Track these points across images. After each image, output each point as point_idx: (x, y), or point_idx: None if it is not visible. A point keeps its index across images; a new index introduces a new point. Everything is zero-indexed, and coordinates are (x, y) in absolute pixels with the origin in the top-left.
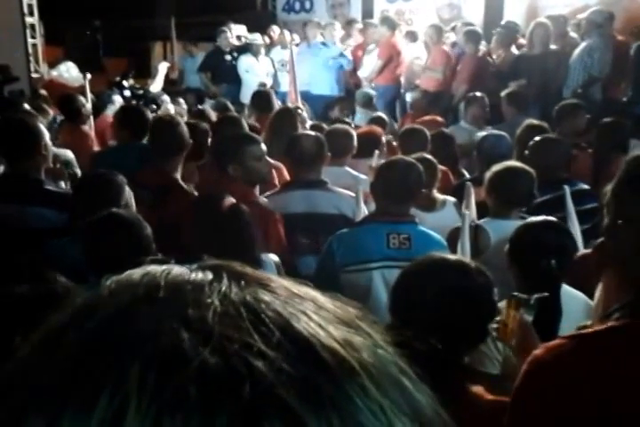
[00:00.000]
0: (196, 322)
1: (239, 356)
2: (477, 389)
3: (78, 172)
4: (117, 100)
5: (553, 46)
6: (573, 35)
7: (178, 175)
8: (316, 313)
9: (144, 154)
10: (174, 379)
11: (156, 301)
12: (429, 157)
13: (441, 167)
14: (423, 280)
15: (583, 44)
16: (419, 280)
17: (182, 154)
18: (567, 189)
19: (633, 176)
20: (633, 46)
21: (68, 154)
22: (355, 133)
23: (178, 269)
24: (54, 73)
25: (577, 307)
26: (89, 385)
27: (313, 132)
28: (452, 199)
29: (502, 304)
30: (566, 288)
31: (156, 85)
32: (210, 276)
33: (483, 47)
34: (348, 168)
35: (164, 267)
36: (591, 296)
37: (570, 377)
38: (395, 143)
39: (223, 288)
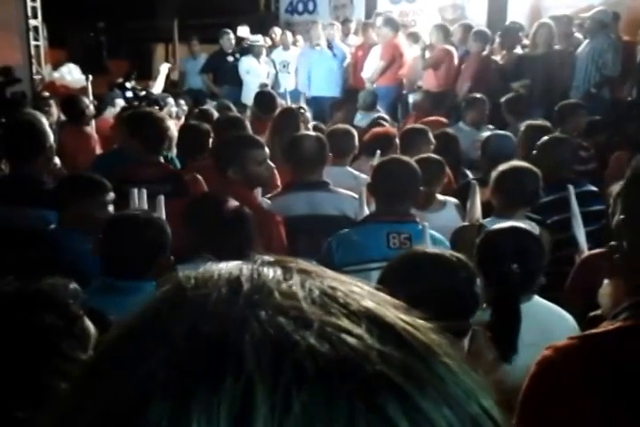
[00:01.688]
0: (290, 309)
1: (340, 339)
2: None
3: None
4: (118, 102)
5: (557, 46)
6: (578, 35)
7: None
8: (377, 300)
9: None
10: (289, 357)
11: (242, 293)
12: (438, 157)
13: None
14: (401, 274)
15: (589, 45)
16: (397, 274)
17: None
18: (572, 189)
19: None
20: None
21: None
22: (355, 133)
23: (239, 264)
24: (56, 75)
25: (551, 320)
26: (210, 369)
27: (314, 133)
28: (453, 200)
29: None
30: (540, 301)
31: (158, 87)
32: (280, 270)
33: (486, 47)
34: (349, 168)
35: (229, 264)
36: (594, 297)
37: (579, 377)
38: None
39: (299, 279)
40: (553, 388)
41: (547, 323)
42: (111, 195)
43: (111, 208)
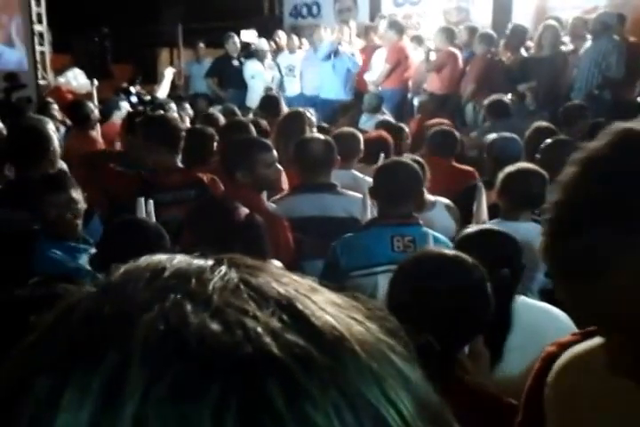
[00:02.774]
0: (198, 294)
1: (236, 319)
2: (474, 384)
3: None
4: (124, 107)
5: (563, 48)
6: (587, 36)
7: None
8: (310, 293)
9: None
10: (177, 335)
11: (161, 279)
12: (418, 158)
13: (466, 168)
14: (419, 275)
15: (592, 47)
16: (414, 275)
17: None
18: None
19: None
20: None
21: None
22: (361, 136)
23: (181, 257)
24: (61, 80)
25: (539, 320)
26: (96, 345)
27: (322, 136)
28: (442, 200)
29: None
30: (527, 301)
31: (162, 91)
32: (211, 262)
33: (492, 49)
34: (354, 171)
35: (169, 255)
36: None
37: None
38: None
39: (224, 269)
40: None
41: (535, 324)
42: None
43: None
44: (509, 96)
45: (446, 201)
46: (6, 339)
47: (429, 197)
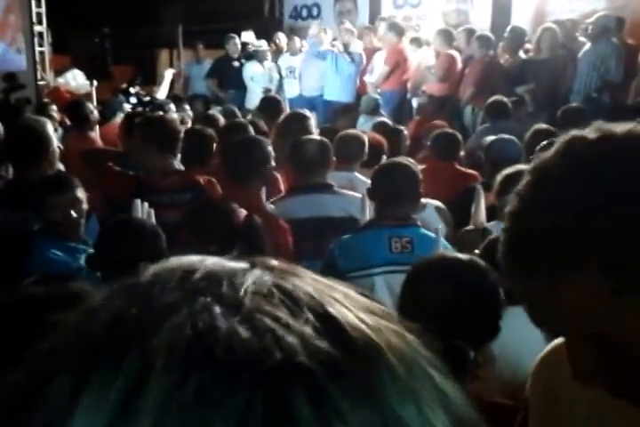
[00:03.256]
0: (229, 298)
1: (267, 326)
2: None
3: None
4: (127, 108)
5: (560, 51)
6: (582, 39)
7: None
8: (345, 300)
9: None
10: (203, 342)
11: (191, 280)
12: (410, 160)
13: (469, 171)
14: (435, 278)
15: (591, 50)
16: (430, 278)
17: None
18: None
19: None
20: None
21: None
22: (366, 139)
23: (214, 258)
24: (61, 80)
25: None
26: (119, 347)
27: (317, 137)
28: (433, 202)
29: None
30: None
31: (162, 92)
32: (245, 264)
33: (490, 52)
34: (357, 174)
35: (201, 256)
36: None
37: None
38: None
39: (257, 273)
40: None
41: (520, 333)
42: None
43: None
44: (508, 99)
45: (437, 203)
46: (20, 336)
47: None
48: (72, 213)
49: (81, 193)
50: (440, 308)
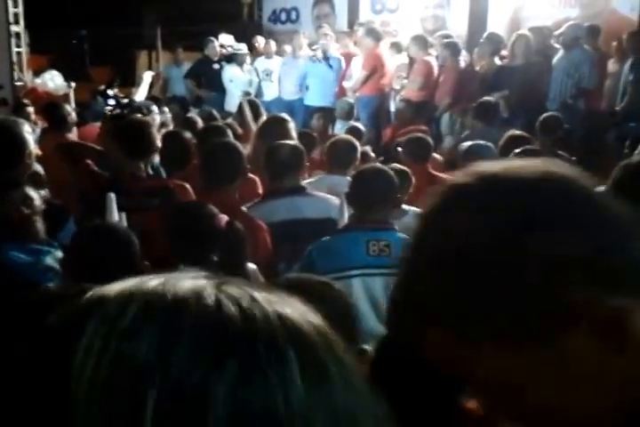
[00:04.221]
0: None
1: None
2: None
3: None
4: (105, 110)
5: (534, 58)
6: (557, 46)
7: None
8: (289, 307)
9: None
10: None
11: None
12: (403, 167)
13: (443, 175)
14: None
15: (565, 57)
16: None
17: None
18: None
19: (624, 180)
20: (629, 60)
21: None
22: (358, 144)
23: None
24: (38, 81)
25: None
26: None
27: (290, 142)
28: (415, 209)
29: None
30: None
31: (140, 94)
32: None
33: (466, 58)
34: (350, 178)
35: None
36: None
37: None
38: (372, 154)
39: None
40: None
41: None
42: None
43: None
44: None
45: (417, 210)
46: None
47: (403, 205)
48: (23, 209)
49: (32, 191)
50: None
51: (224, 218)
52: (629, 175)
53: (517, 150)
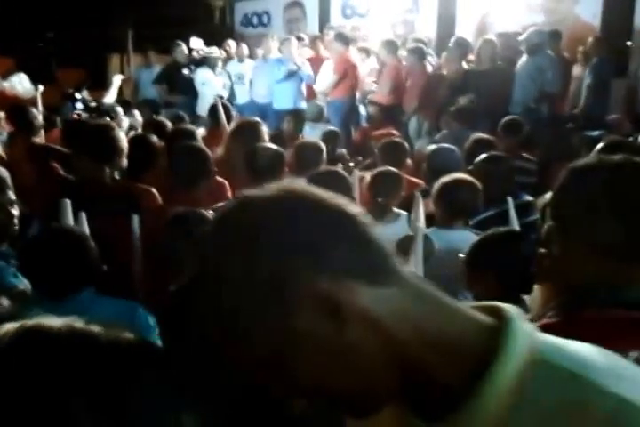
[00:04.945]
0: None
1: None
2: None
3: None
4: (72, 113)
5: (500, 62)
6: (523, 51)
7: None
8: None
9: None
10: None
11: None
12: (395, 170)
13: (415, 180)
14: None
15: (529, 62)
16: None
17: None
18: (510, 200)
19: (569, 184)
20: (590, 64)
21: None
22: (324, 147)
23: None
24: (6, 84)
25: None
26: None
27: (273, 145)
28: (405, 213)
29: None
30: None
31: (110, 97)
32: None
33: (434, 62)
34: None
35: None
36: None
37: None
38: (348, 157)
39: None
40: None
41: None
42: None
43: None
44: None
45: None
46: None
47: (395, 209)
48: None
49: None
50: None
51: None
52: (573, 178)
53: (482, 156)
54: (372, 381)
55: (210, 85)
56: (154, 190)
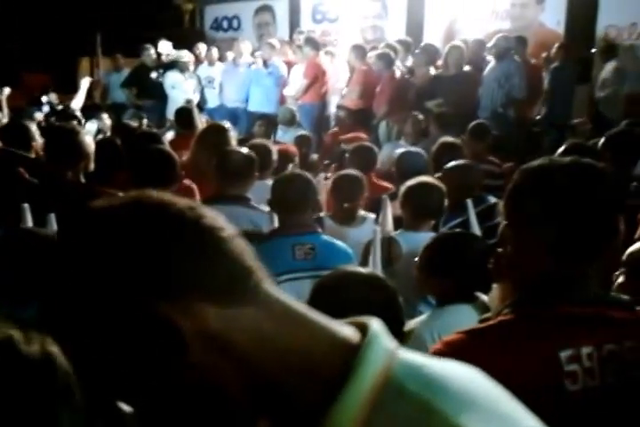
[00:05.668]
0: None
1: None
2: None
3: None
4: (38, 117)
5: (467, 68)
6: (489, 58)
7: None
8: None
9: None
10: None
11: None
12: (358, 174)
13: (384, 184)
14: (332, 293)
15: (496, 67)
16: (328, 293)
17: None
18: (470, 205)
19: (520, 185)
20: (550, 69)
21: None
22: (274, 149)
23: None
24: None
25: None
26: None
27: (244, 149)
28: (372, 215)
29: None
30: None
31: (77, 101)
32: None
33: (402, 68)
34: (268, 182)
35: None
36: None
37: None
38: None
39: None
40: None
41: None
42: None
43: None
44: (420, 113)
45: (375, 216)
46: None
47: (361, 212)
48: None
49: None
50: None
51: None
52: (523, 179)
53: (450, 164)
54: (231, 402)
55: (180, 89)
56: (120, 194)
